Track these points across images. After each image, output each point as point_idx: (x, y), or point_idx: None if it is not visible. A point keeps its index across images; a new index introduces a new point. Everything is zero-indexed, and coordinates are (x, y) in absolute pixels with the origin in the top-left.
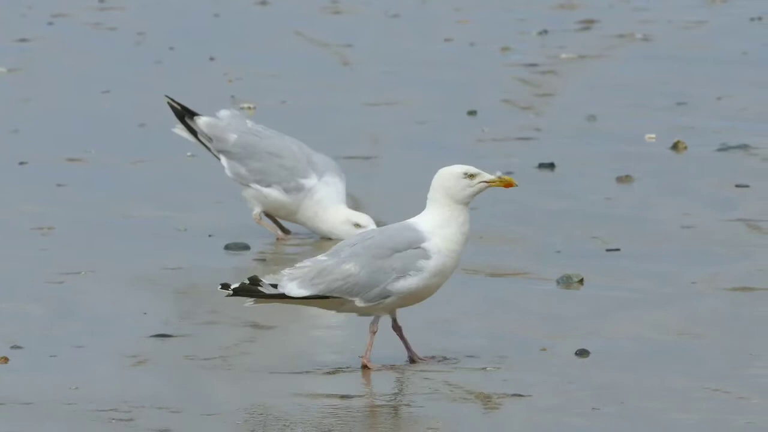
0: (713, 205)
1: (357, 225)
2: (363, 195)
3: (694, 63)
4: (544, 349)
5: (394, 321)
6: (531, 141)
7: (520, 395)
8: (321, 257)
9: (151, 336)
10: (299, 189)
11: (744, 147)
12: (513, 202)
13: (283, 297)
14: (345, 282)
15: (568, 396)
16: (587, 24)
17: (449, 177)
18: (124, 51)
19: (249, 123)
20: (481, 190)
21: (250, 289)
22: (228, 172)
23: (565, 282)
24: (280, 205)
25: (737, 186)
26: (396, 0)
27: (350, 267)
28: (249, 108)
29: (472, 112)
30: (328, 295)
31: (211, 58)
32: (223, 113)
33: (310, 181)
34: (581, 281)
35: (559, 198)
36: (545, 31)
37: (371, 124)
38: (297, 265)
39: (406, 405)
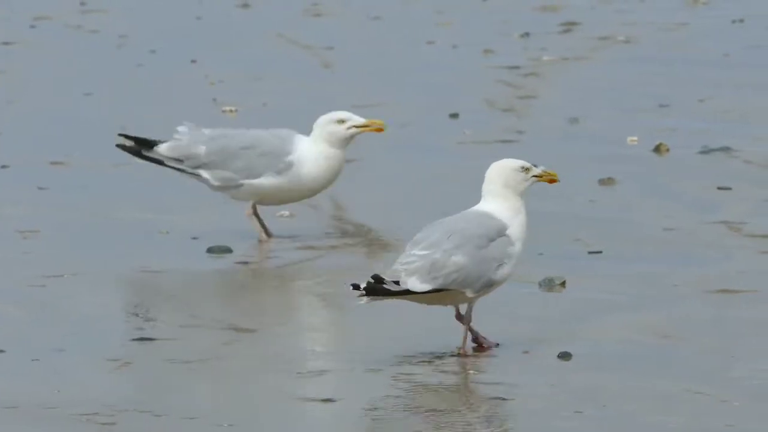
0: (695, 207)
1: (340, 121)
2: (345, 198)
3: (676, 65)
4: (526, 352)
5: (458, 311)
6: (513, 143)
7: (503, 398)
8: (419, 252)
9: (133, 339)
10: (289, 166)
11: (726, 149)
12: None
13: (406, 293)
14: (459, 274)
15: (550, 399)
16: (569, 26)
17: (508, 170)
18: (105, 54)
19: (206, 131)
20: (532, 184)
21: (377, 288)
22: (214, 181)
23: (548, 285)
24: (278, 188)
25: (719, 188)
26: (377, 2)
27: (459, 259)
28: (231, 111)
29: (454, 115)
30: (445, 288)
31: (193, 61)
32: (182, 129)
33: (293, 155)
34: (563, 284)
35: (542, 200)
36: (527, 34)
37: None
38: (400, 260)
39: (388, 408)
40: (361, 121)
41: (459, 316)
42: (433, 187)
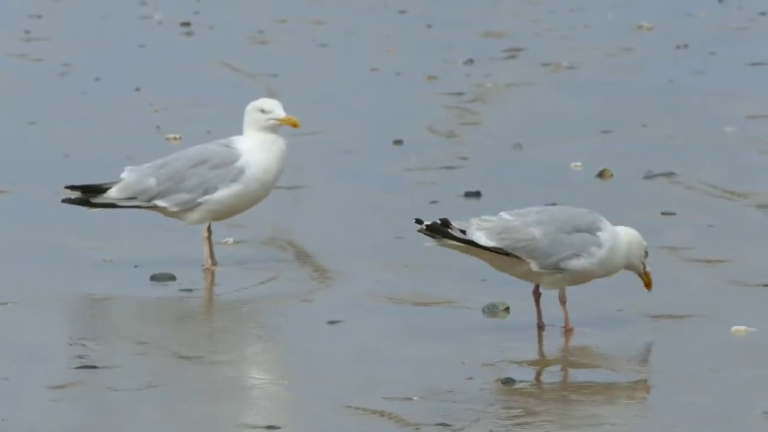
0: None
1: (262, 111)
2: (289, 225)
3: (620, 90)
4: (470, 378)
5: (537, 287)
6: (457, 170)
7: (446, 424)
8: (506, 215)
9: (77, 367)
10: (242, 171)
11: (670, 174)
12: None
13: (469, 243)
14: (528, 243)
15: (494, 425)
16: (513, 52)
17: (634, 247)
18: (49, 82)
19: (146, 165)
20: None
21: (441, 230)
22: (172, 207)
23: (491, 310)
24: (237, 198)
25: (663, 213)
26: (323, 29)
27: (535, 231)
28: (175, 138)
29: (398, 142)
30: (509, 252)
31: (137, 89)
32: (126, 171)
33: (241, 160)
34: (507, 309)
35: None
36: (471, 60)
37: (297, 154)
38: (483, 217)
39: None
40: (281, 115)
41: (536, 292)
42: (377, 213)
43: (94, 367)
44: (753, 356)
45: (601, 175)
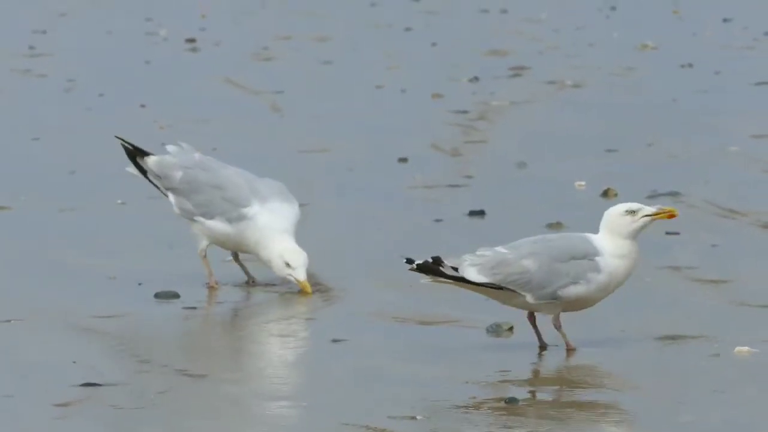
0: (643, 252)
1: (287, 264)
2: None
3: (624, 109)
4: (473, 397)
5: (531, 312)
6: (461, 188)
7: None
8: (501, 249)
9: (80, 385)
10: (241, 218)
11: (674, 194)
12: (443, 249)
13: (461, 280)
14: (521, 277)
15: None
16: (518, 71)
17: (613, 216)
18: (54, 98)
19: (197, 156)
20: (646, 225)
21: (432, 268)
22: (175, 208)
23: (495, 330)
24: (225, 236)
25: (667, 233)
26: (327, 46)
27: (528, 263)
28: None
29: (403, 159)
30: (503, 286)
31: (142, 105)
32: (171, 148)
33: (252, 209)
34: (511, 329)
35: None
36: (476, 78)
37: (302, 171)
38: (478, 252)
39: None
40: (300, 278)
41: (530, 317)
42: (381, 231)
43: (98, 384)
44: (756, 377)
45: (605, 194)
